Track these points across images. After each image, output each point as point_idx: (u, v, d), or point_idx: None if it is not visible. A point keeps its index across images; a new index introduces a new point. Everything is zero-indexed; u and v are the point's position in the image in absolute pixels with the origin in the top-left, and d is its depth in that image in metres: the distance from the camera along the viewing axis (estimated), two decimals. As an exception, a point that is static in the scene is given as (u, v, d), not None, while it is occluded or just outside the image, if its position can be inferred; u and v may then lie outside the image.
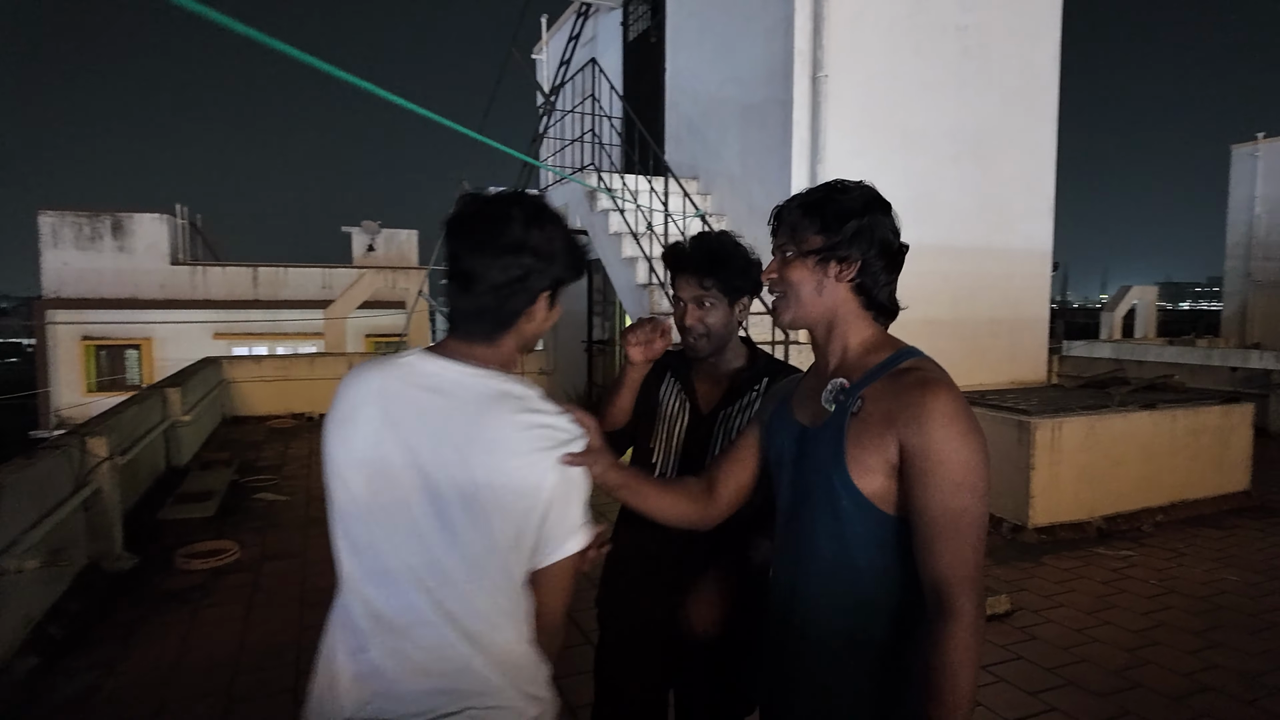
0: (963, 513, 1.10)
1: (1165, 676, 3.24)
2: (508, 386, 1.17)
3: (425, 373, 1.17)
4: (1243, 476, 5.85)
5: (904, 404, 1.14)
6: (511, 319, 1.19)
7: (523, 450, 1.13)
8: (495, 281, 1.15)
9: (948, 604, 1.09)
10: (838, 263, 1.23)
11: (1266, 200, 14.50)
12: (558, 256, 1.19)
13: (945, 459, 1.10)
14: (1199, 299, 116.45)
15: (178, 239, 18.64)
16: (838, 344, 1.28)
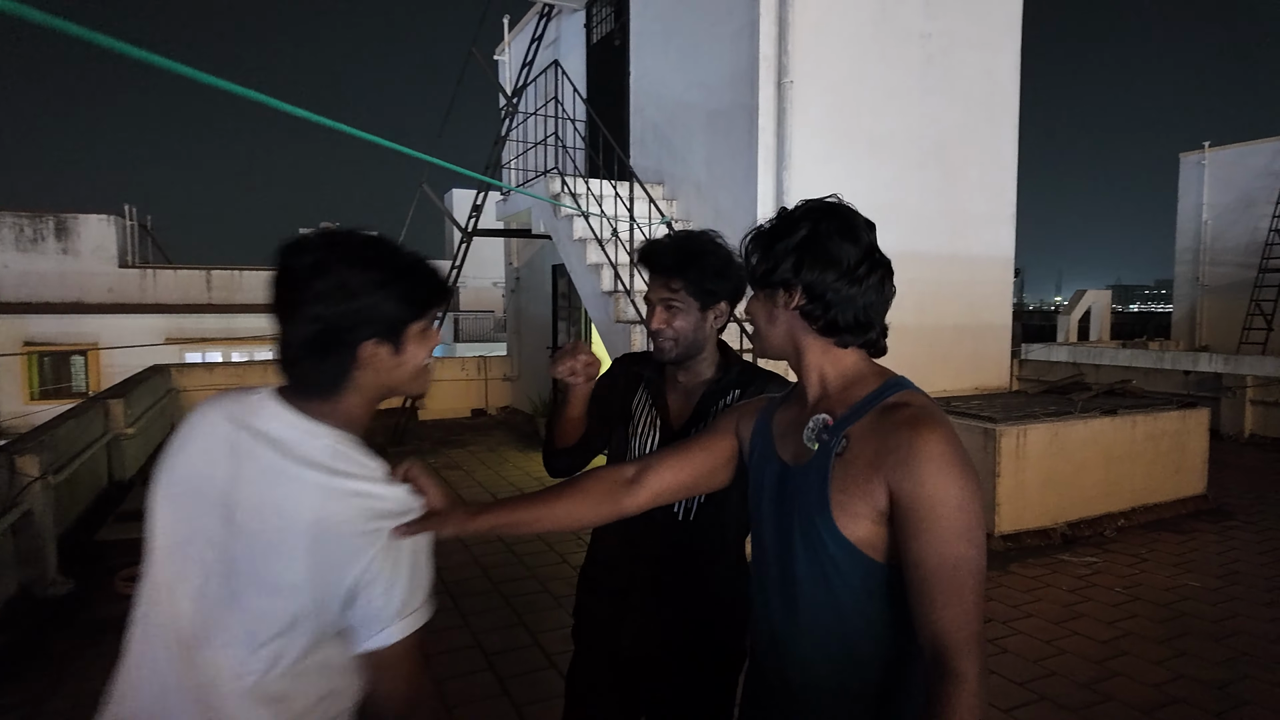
0: (961, 563, 1.01)
1: (1135, 689, 3.23)
2: (335, 449, 1.06)
3: (263, 416, 1.08)
4: (1199, 480, 5.95)
5: (892, 445, 1.05)
6: (337, 379, 1.07)
7: (331, 522, 1.01)
8: (298, 342, 1.05)
9: (949, 666, 0.99)
10: (783, 290, 1.17)
11: (1213, 207, 14.94)
12: (366, 297, 1.03)
13: (939, 505, 1.01)
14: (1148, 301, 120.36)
15: (126, 241, 18.01)
16: (813, 374, 1.20)
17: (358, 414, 1.11)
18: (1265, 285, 13.52)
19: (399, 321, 1.08)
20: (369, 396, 1.11)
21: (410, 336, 1.10)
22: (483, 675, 3.35)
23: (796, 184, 5.82)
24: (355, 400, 1.10)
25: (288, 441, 1.05)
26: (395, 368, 1.10)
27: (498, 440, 9.09)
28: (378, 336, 1.06)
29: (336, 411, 1.09)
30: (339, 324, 1.03)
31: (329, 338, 1.04)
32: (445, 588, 4.31)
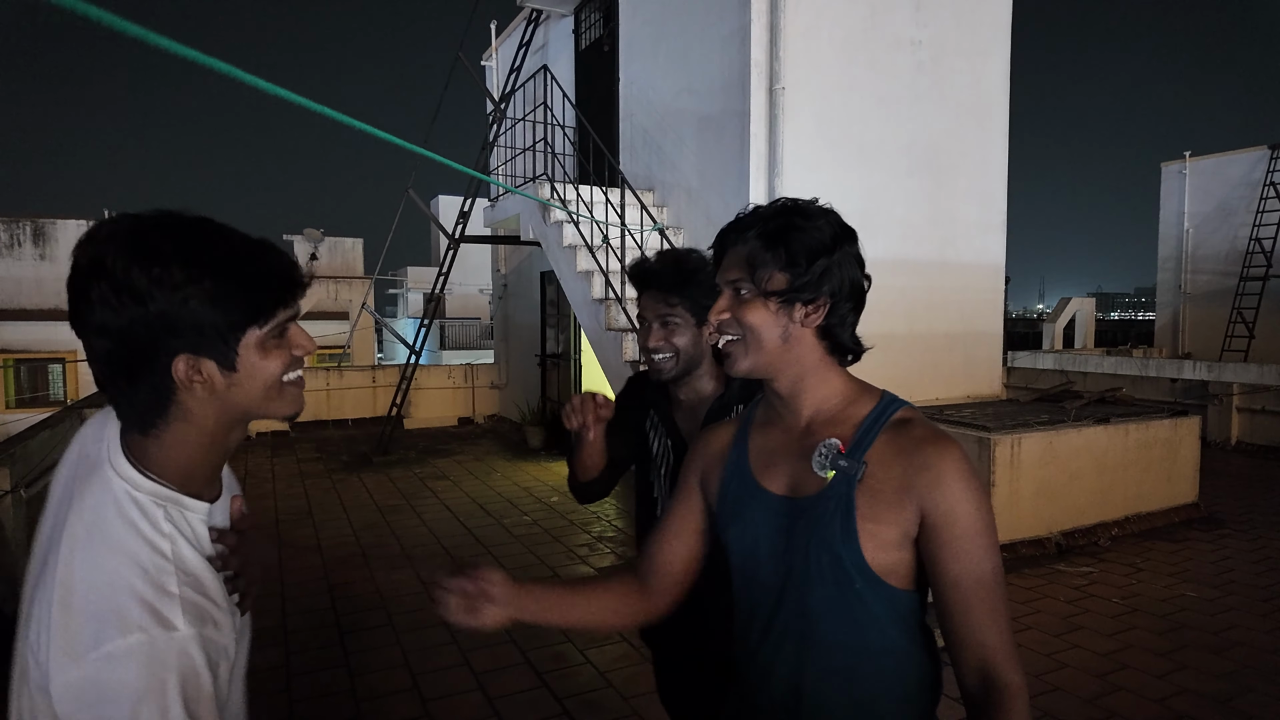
0: (995, 578, 1.01)
1: (1139, 704, 3.18)
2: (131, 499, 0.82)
3: (83, 454, 0.88)
4: (1191, 488, 5.95)
5: (919, 466, 1.01)
6: (155, 407, 0.84)
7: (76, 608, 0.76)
8: (99, 362, 0.82)
9: (1002, 680, 0.97)
10: (804, 305, 1.06)
11: (1194, 216, 15.11)
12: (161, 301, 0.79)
13: (972, 522, 1.00)
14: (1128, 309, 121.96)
15: (104, 247, 17.73)
16: (809, 397, 1.11)
17: (188, 456, 0.88)
18: (1246, 293, 13.67)
19: (222, 329, 0.83)
20: (207, 427, 0.87)
21: (247, 346, 0.86)
22: (472, 695, 3.25)
23: (788, 190, 5.77)
24: (188, 433, 0.87)
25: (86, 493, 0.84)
26: (232, 387, 0.86)
27: (485, 449, 8.96)
28: (190, 351, 0.82)
29: (159, 451, 0.86)
30: (134, 337, 0.80)
31: (127, 355, 0.81)
32: (434, 604, 4.19)
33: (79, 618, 0.77)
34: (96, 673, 0.75)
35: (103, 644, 0.75)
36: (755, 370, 1.10)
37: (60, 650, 0.76)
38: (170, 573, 0.81)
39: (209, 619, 0.82)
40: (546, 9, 8.99)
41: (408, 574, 4.62)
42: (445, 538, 5.43)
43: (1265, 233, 13.61)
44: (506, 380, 10.93)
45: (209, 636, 0.81)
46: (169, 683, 0.76)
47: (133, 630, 0.76)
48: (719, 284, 1.13)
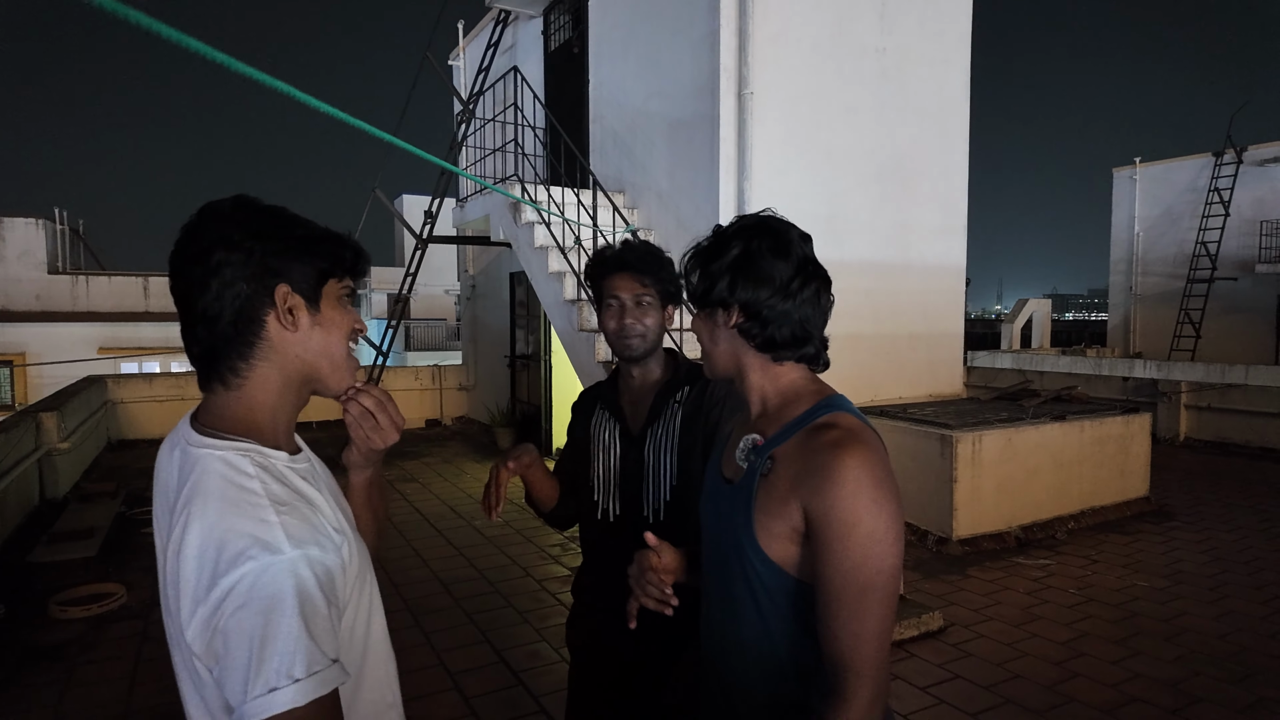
0: (867, 589, 1.01)
1: (1095, 689, 3.31)
2: (214, 458, 0.91)
3: (165, 451, 0.99)
4: (1142, 483, 6.18)
5: (811, 467, 1.06)
6: (236, 345, 0.94)
7: (185, 573, 0.85)
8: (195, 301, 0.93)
9: (841, 687, 1.02)
10: (721, 309, 1.19)
11: (1144, 220, 15.64)
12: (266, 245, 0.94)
13: (851, 529, 1.01)
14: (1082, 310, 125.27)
15: (56, 246, 17.20)
16: (755, 393, 1.21)
17: (264, 407, 0.97)
18: (1193, 295, 14.19)
19: (311, 275, 0.97)
20: (277, 379, 0.97)
21: (327, 296, 0.99)
22: (448, 695, 3.25)
23: (757, 194, 5.86)
24: (269, 376, 0.96)
25: (176, 466, 0.94)
26: (312, 331, 0.97)
27: (454, 451, 8.92)
28: (289, 282, 0.95)
29: (240, 404, 0.96)
30: (248, 268, 0.93)
31: (238, 287, 0.92)
32: (406, 605, 4.18)
33: (199, 569, 0.84)
34: (216, 607, 0.82)
35: (219, 581, 0.82)
36: (714, 371, 1.25)
37: (189, 601, 0.84)
38: (265, 505, 0.88)
39: (312, 541, 0.89)
40: (515, 10, 8.97)
41: (379, 575, 4.57)
42: (416, 540, 5.41)
43: (1210, 236, 14.15)
44: (475, 382, 10.88)
45: (315, 557, 0.88)
46: (286, 597, 0.83)
47: (243, 561, 0.83)
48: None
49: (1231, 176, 14.15)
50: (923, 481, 5.38)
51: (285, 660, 0.81)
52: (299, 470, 0.99)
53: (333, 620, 0.89)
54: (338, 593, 0.92)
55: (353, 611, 1.00)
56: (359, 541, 1.05)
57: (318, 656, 0.83)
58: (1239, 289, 14.11)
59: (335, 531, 0.95)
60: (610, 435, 1.77)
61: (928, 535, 5.30)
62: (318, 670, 0.83)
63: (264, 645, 0.81)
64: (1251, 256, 13.98)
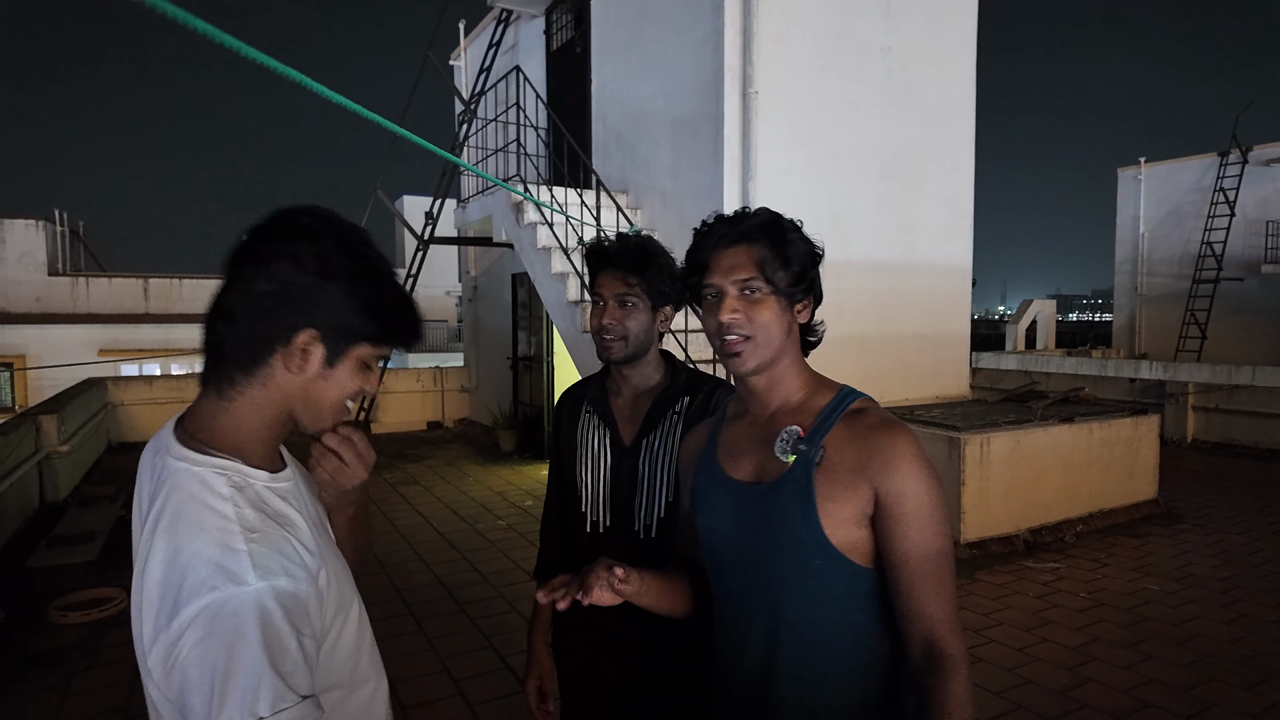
0: (941, 554, 1.07)
1: (1107, 695, 3.26)
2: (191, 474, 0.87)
3: (147, 454, 0.95)
4: (1151, 485, 6.12)
5: (873, 449, 1.09)
6: (245, 355, 0.90)
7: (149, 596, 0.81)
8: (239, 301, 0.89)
9: (943, 650, 1.05)
10: (801, 302, 1.18)
11: (1149, 220, 15.59)
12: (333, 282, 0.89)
13: (922, 502, 1.07)
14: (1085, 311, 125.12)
15: (56, 247, 17.19)
16: (782, 388, 1.19)
17: (250, 427, 0.92)
18: (1199, 295, 14.13)
19: (353, 331, 0.92)
20: (269, 405, 0.92)
21: (351, 357, 0.94)
22: (452, 702, 3.21)
23: (762, 194, 5.82)
24: (255, 402, 0.92)
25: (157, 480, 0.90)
26: (316, 381, 0.93)
27: (456, 454, 8.88)
28: (319, 330, 0.90)
29: (224, 417, 0.91)
30: (291, 294, 0.88)
31: (272, 303, 0.88)
32: (409, 610, 4.14)
33: (161, 595, 0.81)
34: (175, 639, 0.78)
35: (180, 610, 0.79)
36: (762, 366, 1.16)
37: (151, 628, 0.80)
38: (235, 531, 0.84)
39: (282, 571, 0.84)
40: (517, 9, 8.94)
41: (381, 580, 4.55)
42: (418, 543, 5.36)
43: (1216, 236, 14.10)
44: (477, 383, 10.83)
45: (282, 589, 0.83)
46: (249, 630, 0.79)
47: (205, 591, 0.79)
48: (720, 284, 1.15)
49: (1237, 176, 14.09)
50: (929, 484, 5.33)
51: (248, 697, 0.76)
52: (279, 490, 0.95)
53: (304, 653, 0.83)
54: (311, 623, 0.87)
55: (334, 636, 0.95)
56: (341, 563, 1.01)
57: (284, 693, 0.78)
58: (1245, 289, 14.06)
59: (311, 556, 0.91)
60: (600, 443, 1.68)
61: (935, 538, 5.25)
62: (284, 708, 0.78)
63: (225, 680, 0.77)
64: (1258, 257, 13.92)
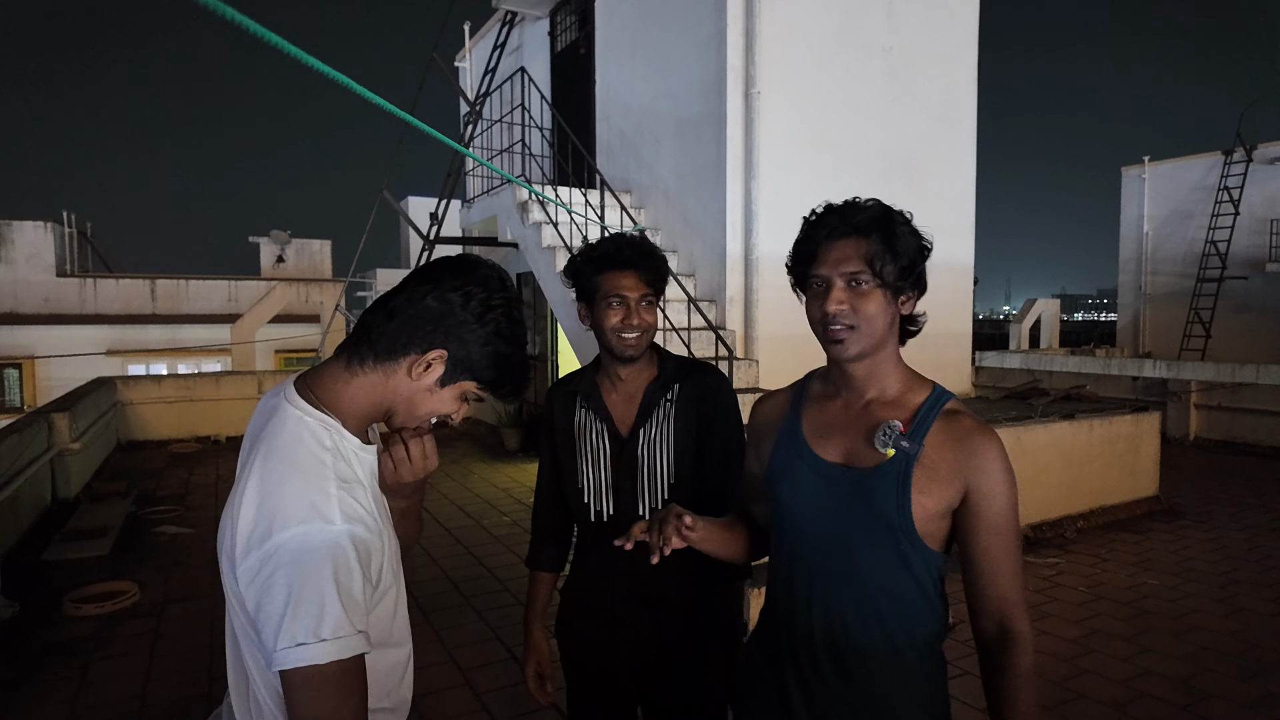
0: (1018, 546, 1.21)
1: (1105, 686, 3.31)
2: (302, 422, 1.02)
3: (264, 409, 1.10)
4: (1152, 482, 6.15)
5: (970, 451, 1.19)
6: (384, 346, 1.06)
7: (244, 522, 0.95)
8: (408, 306, 1.07)
9: (1015, 627, 1.18)
10: (907, 294, 1.23)
11: (1154, 219, 15.58)
12: (483, 327, 1.08)
13: (1008, 505, 1.19)
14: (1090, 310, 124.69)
15: (65, 249, 17.31)
16: (878, 380, 1.26)
17: (360, 403, 1.08)
18: (1203, 294, 14.12)
19: (470, 368, 1.09)
20: (382, 394, 1.08)
21: (459, 386, 1.11)
22: (459, 691, 3.27)
23: (765, 193, 5.88)
24: (372, 385, 1.08)
25: (269, 412, 1.05)
26: (420, 391, 1.09)
27: (461, 452, 8.94)
28: (450, 354, 1.07)
29: (344, 387, 1.07)
30: (446, 321, 1.06)
31: (430, 320, 1.06)
32: (416, 603, 4.20)
33: (257, 519, 0.94)
34: (265, 558, 0.92)
35: (274, 534, 0.92)
36: (863, 354, 1.21)
37: (242, 544, 0.93)
38: (330, 478, 0.98)
39: (360, 520, 0.98)
40: (521, 11, 9.01)
41: (389, 574, 4.61)
42: (426, 539, 5.43)
43: (1220, 235, 14.08)
44: (482, 382, 10.91)
45: (359, 535, 0.97)
46: (324, 564, 0.92)
47: (297, 523, 0.93)
48: (829, 275, 1.20)
49: (1242, 175, 14.08)
50: (931, 480, 5.37)
51: (314, 620, 0.90)
52: (364, 460, 1.09)
53: (365, 595, 0.97)
54: (373, 571, 1.01)
55: (379, 595, 1.08)
56: (394, 538, 1.15)
57: (344, 623, 0.91)
58: (1250, 288, 14.04)
59: (375, 520, 1.04)
60: (599, 436, 1.73)
61: (936, 534, 5.30)
62: (343, 635, 0.91)
63: (299, 602, 0.90)
64: (1262, 255, 13.91)
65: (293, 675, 0.90)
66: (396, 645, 1.16)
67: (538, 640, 1.82)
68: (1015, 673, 1.17)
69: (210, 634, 3.81)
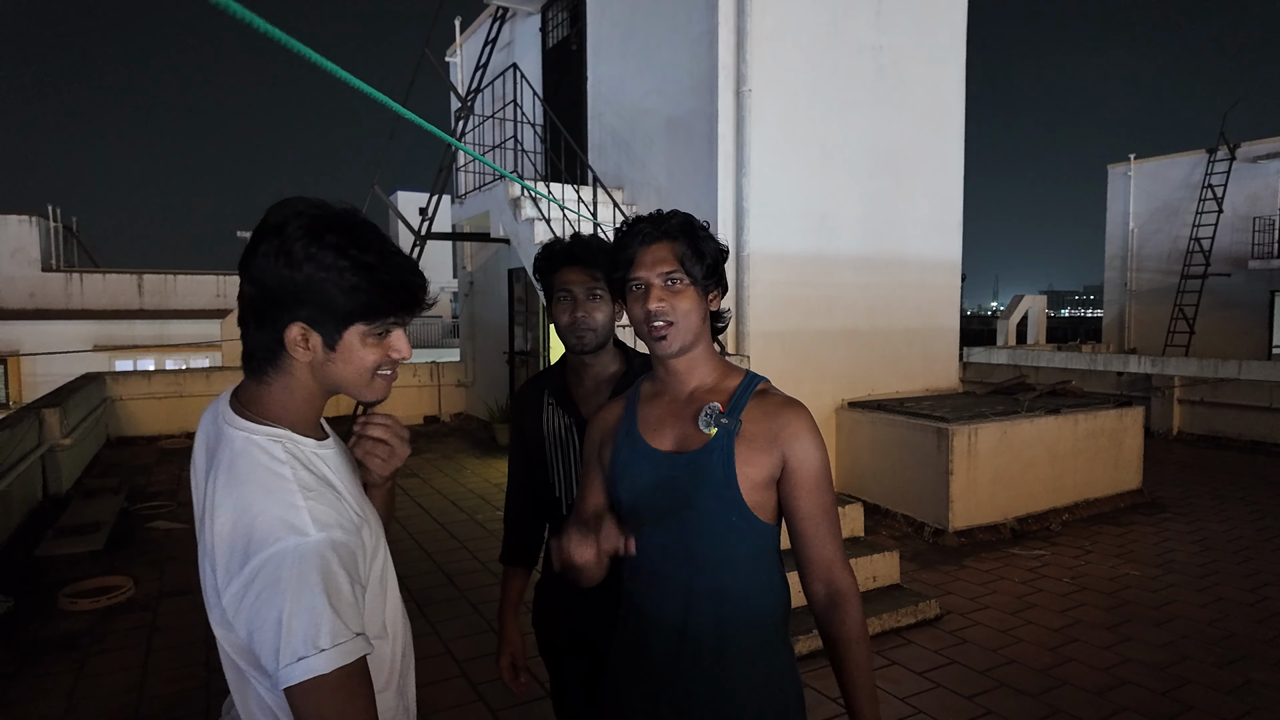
0: (834, 508, 1.33)
1: (1087, 673, 3.39)
2: (250, 441, 0.98)
3: (207, 419, 1.08)
4: (1135, 475, 6.26)
5: (783, 422, 1.30)
6: (265, 357, 1.01)
7: (221, 536, 0.93)
8: (243, 305, 1.00)
9: (839, 584, 1.30)
10: (713, 291, 1.35)
11: (1139, 216, 15.75)
12: (308, 272, 0.95)
13: (821, 466, 1.30)
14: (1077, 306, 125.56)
15: (50, 243, 17.17)
16: (697, 371, 1.36)
17: (291, 405, 1.03)
18: (1187, 291, 14.30)
19: (338, 315, 0.98)
20: (301, 387, 1.03)
21: (350, 336, 1.00)
22: (455, 682, 3.32)
23: (755, 190, 5.92)
24: (283, 389, 1.02)
25: (215, 440, 1.02)
26: (328, 363, 1.01)
27: (454, 448, 8.97)
28: (306, 322, 0.98)
29: (267, 398, 1.02)
30: (272, 291, 0.96)
31: (263, 305, 0.97)
32: (411, 596, 4.24)
33: (231, 548, 0.92)
34: (248, 583, 0.90)
35: (250, 558, 0.91)
36: (684, 349, 1.32)
37: (224, 574, 0.93)
38: (294, 490, 0.95)
39: (336, 525, 0.96)
40: (513, 6, 9.01)
41: (383, 568, 4.64)
42: (419, 534, 5.47)
43: (1204, 233, 14.26)
44: (473, 378, 10.92)
45: (338, 540, 0.95)
46: (308, 576, 0.90)
47: (272, 542, 0.91)
48: (646, 277, 1.30)
49: (1225, 173, 14.25)
50: (919, 474, 5.45)
51: (311, 632, 0.88)
52: (324, 456, 1.06)
53: (356, 597, 0.95)
54: (359, 572, 0.99)
55: (370, 587, 1.06)
56: (377, 523, 1.13)
57: (341, 629, 0.90)
58: (1232, 284, 14.23)
59: (356, 515, 1.02)
60: (567, 431, 1.77)
61: (924, 527, 5.38)
62: (342, 641, 0.90)
63: (292, 618, 0.88)
64: (1244, 252, 14.09)
65: (297, 689, 0.88)
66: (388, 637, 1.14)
67: (510, 633, 1.87)
68: (846, 631, 1.28)
69: (206, 628, 3.82)
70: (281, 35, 1.29)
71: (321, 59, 1.44)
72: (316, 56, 1.41)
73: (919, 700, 3.17)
